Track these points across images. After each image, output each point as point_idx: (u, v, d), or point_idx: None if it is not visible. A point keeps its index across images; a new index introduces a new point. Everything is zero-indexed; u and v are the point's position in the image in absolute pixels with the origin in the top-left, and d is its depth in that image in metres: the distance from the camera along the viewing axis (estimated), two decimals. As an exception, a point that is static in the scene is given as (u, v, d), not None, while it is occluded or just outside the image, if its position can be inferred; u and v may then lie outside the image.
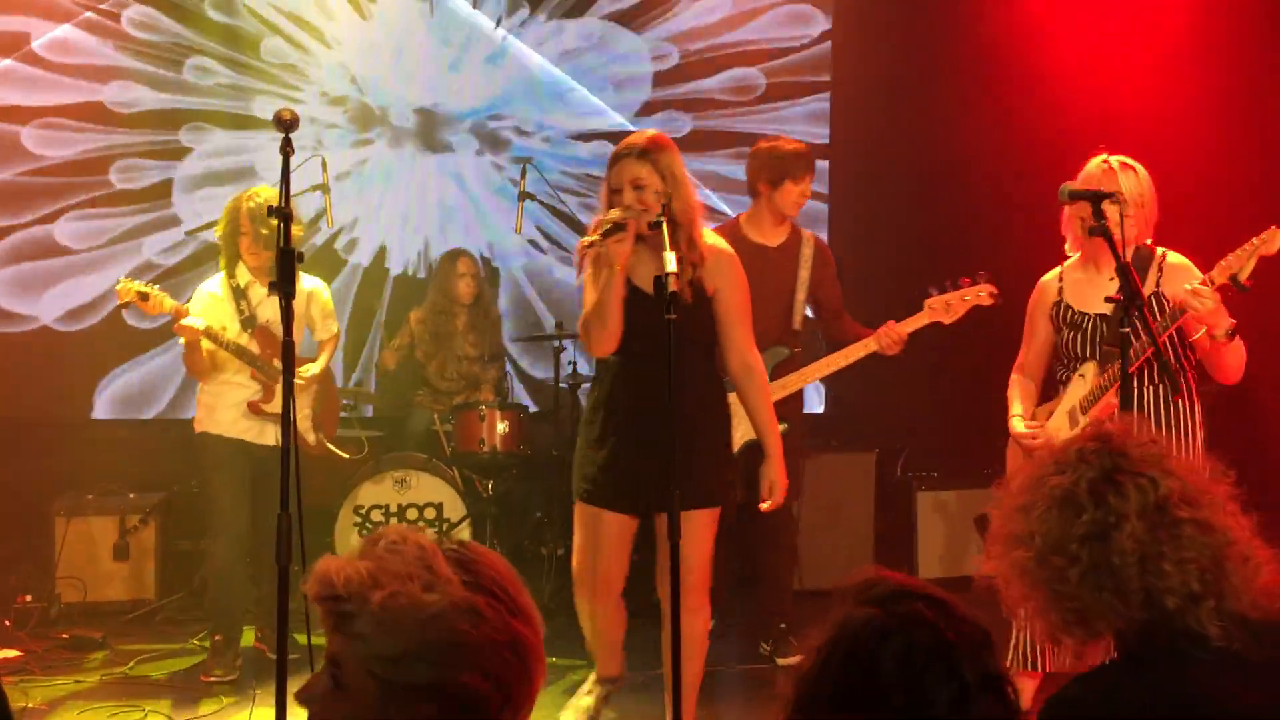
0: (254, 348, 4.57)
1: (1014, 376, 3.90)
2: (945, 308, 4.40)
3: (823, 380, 6.48)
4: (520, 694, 1.35)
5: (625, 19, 6.64)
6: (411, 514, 5.38)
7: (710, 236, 3.52)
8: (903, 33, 6.55)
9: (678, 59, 6.68)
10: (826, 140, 6.77)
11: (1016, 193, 5.77)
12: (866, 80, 6.65)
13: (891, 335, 4.44)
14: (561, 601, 5.25)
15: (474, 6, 6.52)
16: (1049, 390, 3.89)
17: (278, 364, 4.42)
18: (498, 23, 6.56)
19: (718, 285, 3.47)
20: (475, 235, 6.45)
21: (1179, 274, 3.52)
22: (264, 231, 4.39)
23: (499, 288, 6.48)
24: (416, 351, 5.84)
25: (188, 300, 4.61)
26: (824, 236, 6.69)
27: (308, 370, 4.71)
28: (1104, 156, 3.55)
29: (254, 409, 4.58)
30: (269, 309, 4.55)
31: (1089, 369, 3.68)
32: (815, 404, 6.60)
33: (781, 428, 4.62)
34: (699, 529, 3.45)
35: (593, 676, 3.76)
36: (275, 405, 4.54)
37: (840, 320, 4.77)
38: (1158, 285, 3.56)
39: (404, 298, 6.24)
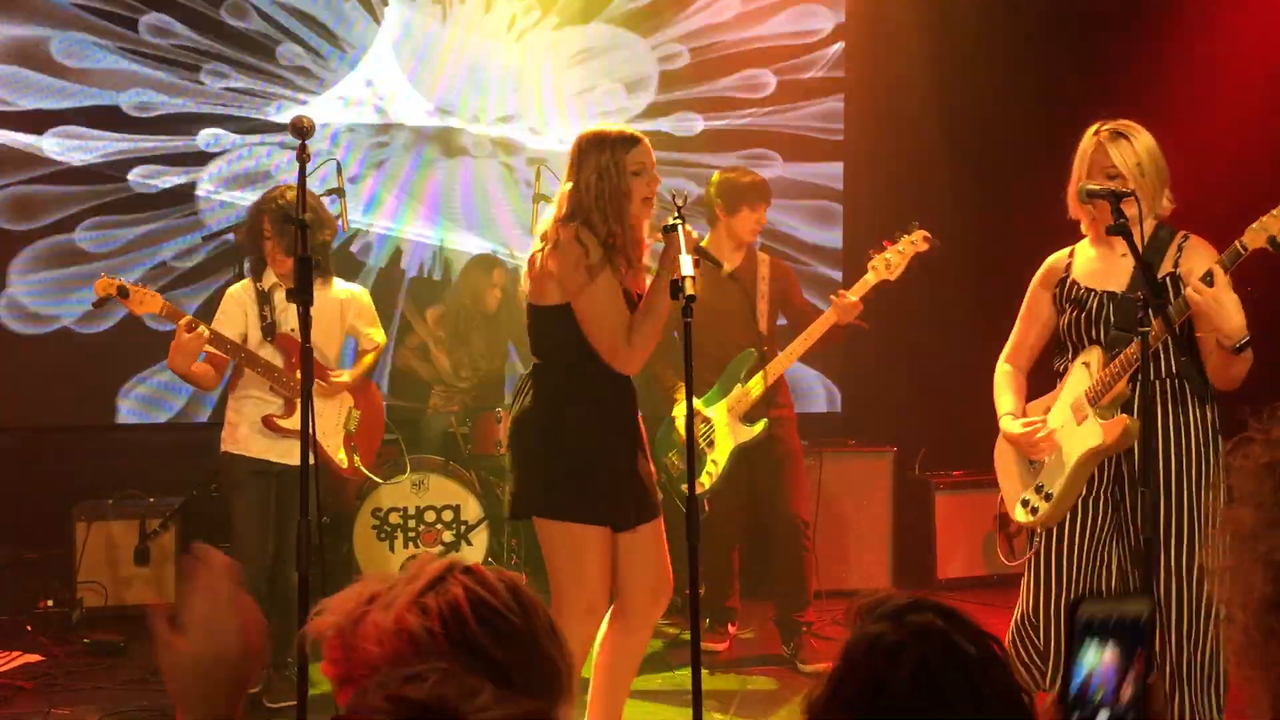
0: (275, 358, 4.32)
1: (1003, 367, 3.59)
2: (886, 265, 4.48)
3: (839, 380, 6.49)
4: None
5: (636, 20, 6.64)
6: (429, 516, 5.40)
7: None
8: (915, 28, 6.53)
9: (689, 59, 6.67)
10: (840, 138, 6.76)
11: (1034, 186, 5.74)
12: (880, 78, 6.63)
13: (843, 303, 4.52)
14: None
15: (487, 9, 6.53)
16: (1038, 385, 3.57)
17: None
18: (511, 25, 6.57)
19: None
20: (490, 237, 6.46)
21: (1200, 252, 3.26)
22: (288, 236, 4.08)
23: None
24: (434, 349, 5.84)
25: (199, 312, 4.48)
26: (838, 235, 6.71)
27: (339, 378, 4.41)
28: (1095, 127, 3.31)
29: (269, 424, 4.29)
30: (293, 316, 4.25)
31: (1094, 355, 3.35)
32: (833, 404, 6.59)
33: (760, 426, 4.69)
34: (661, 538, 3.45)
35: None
36: (294, 421, 4.19)
37: (813, 316, 4.84)
38: (1175, 266, 3.28)
39: (420, 300, 6.25)
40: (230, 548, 4.39)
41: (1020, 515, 3.46)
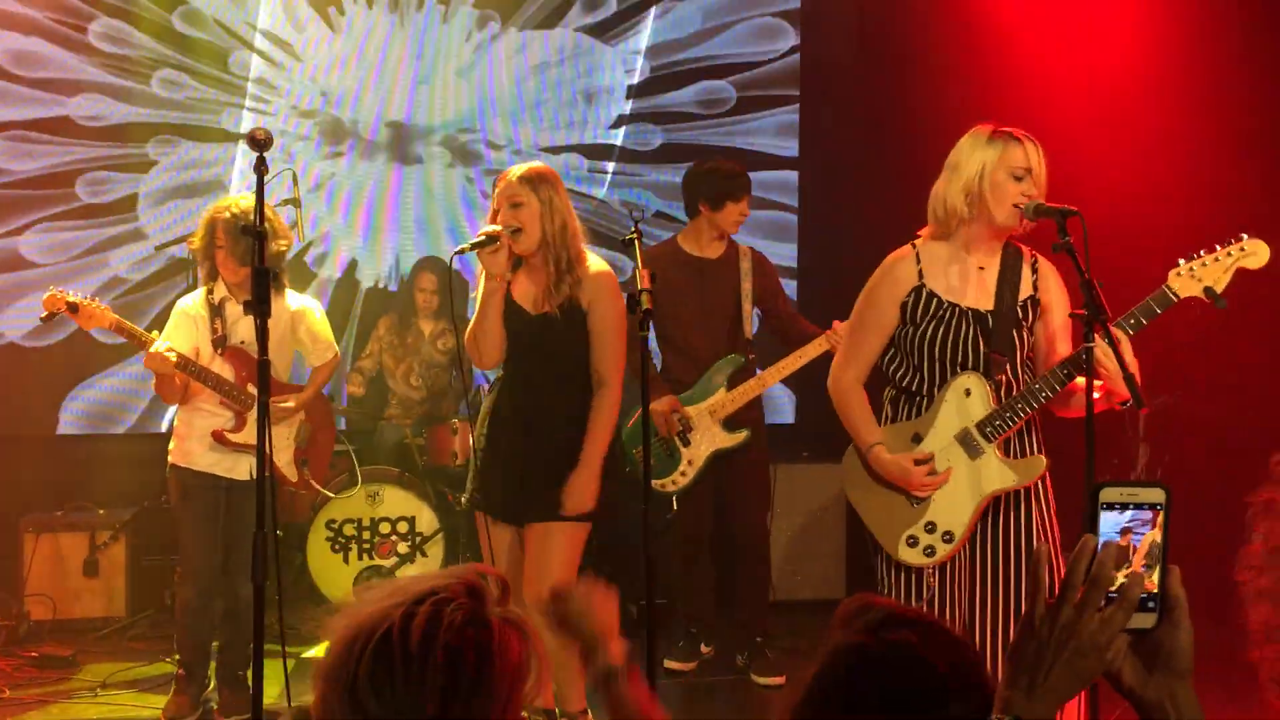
0: (225, 371, 4.28)
1: (847, 385, 3.29)
2: None
3: (793, 391, 6.54)
4: None
5: (596, 33, 6.67)
6: (384, 528, 5.38)
7: (591, 258, 3.67)
8: (871, 46, 6.62)
9: (648, 72, 6.71)
10: (795, 153, 6.82)
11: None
12: (835, 93, 6.71)
13: (841, 333, 4.55)
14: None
15: (444, 19, 6.53)
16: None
17: (252, 389, 4.20)
18: (468, 36, 6.57)
19: (591, 302, 3.61)
20: (446, 248, 6.45)
21: (1053, 280, 3.22)
22: (241, 246, 4.10)
23: (469, 297, 6.47)
24: (385, 357, 5.85)
25: (151, 325, 4.45)
26: (794, 248, 6.77)
27: (284, 403, 4.36)
28: (990, 129, 3.13)
29: (219, 438, 4.24)
30: (244, 329, 4.23)
31: (974, 382, 3.13)
32: (786, 415, 6.64)
33: (742, 435, 4.75)
34: (564, 542, 3.56)
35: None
36: (244, 435, 4.22)
37: (797, 322, 4.96)
38: (1034, 289, 3.20)
39: (375, 311, 6.23)
40: (178, 560, 4.38)
41: (909, 555, 3.16)
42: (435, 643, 1.26)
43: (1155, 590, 1.25)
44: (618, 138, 6.57)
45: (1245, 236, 3.05)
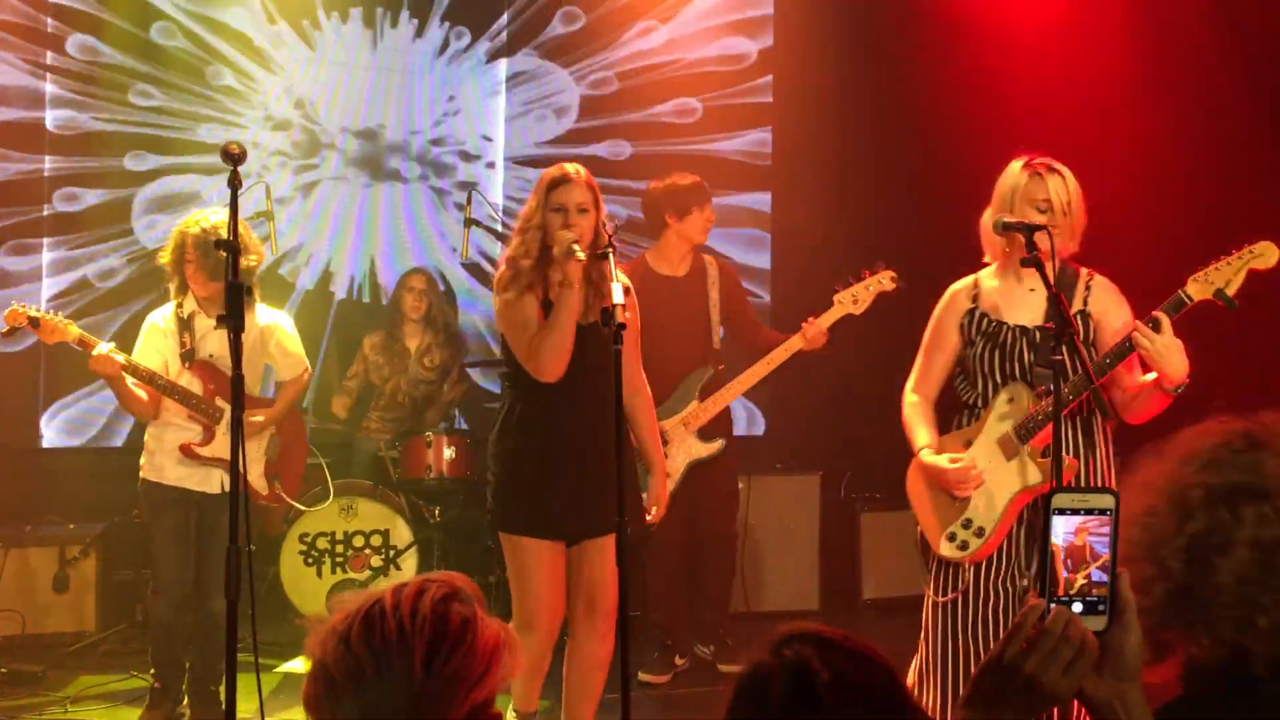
0: (194, 385, 4.27)
1: (912, 399, 3.54)
2: (853, 300, 4.67)
3: (765, 404, 6.57)
4: None
5: (568, 46, 6.70)
6: (358, 541, 5.36)
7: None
8: (841, 58, 6.67)
9: (619, 86, 6.75)
10: (768, 164, 6.87)
11: (961, 214, 5.88)
12: (806, 106, 6.75)
13: (812, 331, 4.69)
14: (509, 627, 5.26)
15: (418, 34, 6.55)
16: (943, 415, 3.56)
17: (220, 402, 4.25)
18: (442, 50, 6.59)
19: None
20: (421, 261, 6.45)
21: (1106, 293, 3.37)
22: (211, 260, 4.12)
23: (457, 307, 6.46)
24: (373, 376, 5.83)
25: (111, 337, 4.43)
26: (766, 260, 6.82)
27: (254, 418, 4.30)
28: (1024, 160, 3.34)
29: (187, 452, 4.23)
30: (213, 343, 4.27)
31: (1019, 391, 3.34)
32: (757, 427, 6.67)
33: (717, 444, 4.82)
34: (614, 553, 3.47)
35: (512, 714, 3.72)
36: (213, 449, 4.23)
37: (759, 331, 5.09)
38: (1085, 304, 3.36)
39: (349, 322, 6.23)
40: (150, 575, 4.36)
41: (947, 550, 3.37)
42: (423, 605, 1.38)
43: (1106, 594, 1.29)
44: (590, 150, 6.60)
45: (1268, 242, 3.14)
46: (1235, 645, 1.35)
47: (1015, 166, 3.35)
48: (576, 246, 3.37)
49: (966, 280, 3.52)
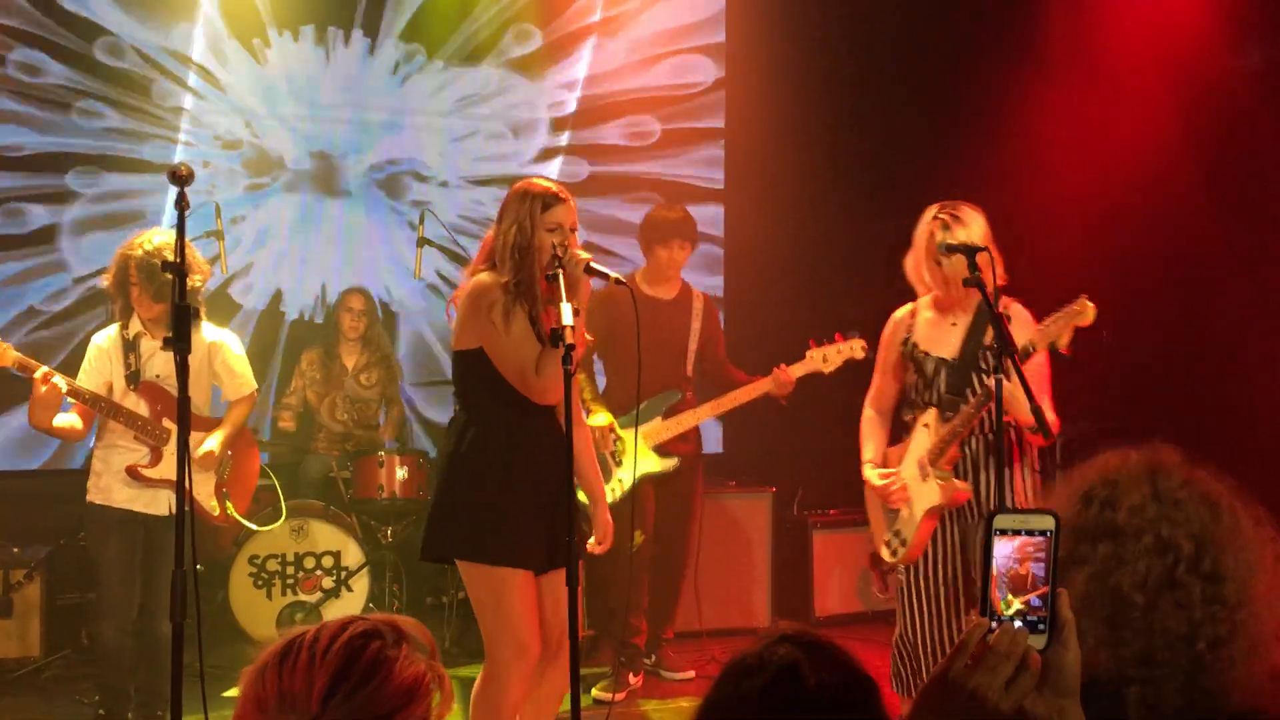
0: (139, 406, 4.25)
1: (867, 412, 3.95)
2: (823, 359, 4.84)
3: (720, 421, 6.60)
4: None
5: (523, 66, 6.72)
6: (309, 563, 5.32)
7: None
8: (793, 80, 6.74)
9: (575, 106, 6.77)
10: (721, 185, 6.92)
11: (908, 236, 5.96)
12: (759, 126, 6.82)
13: (784, 378, 4.88)
14: (464, 648, 5.24)
15: (371, 52, 6.54)
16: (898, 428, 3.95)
17: (168, 423, 4.22)
18: (395, 69, 6.58)
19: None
20: (373, 280, 6.43)
21: (1021, 326, 3.57)
22: (155, 283, 4.10)
23: (396, 330, 6.48)
24: (309, 393, 5.84)
25: (69, 357, 4.41)
26: (719, 279, 6.86)
27: (201, 447, 4.29)
28: (934, 210, 3.65)
29: (133, 474, 4.20)
30: (159, 364, 4.24)
31: (931, 417, 3.72)
32: (713, 444, 6.70)
33: (672, 462, 4.91)
34: (564, 582, 3.41)
35: None
36: (160, 471, 4.20)
37: (726, 368, 5.27)
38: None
39: (300, 342, 6.19)
40: (95, 598, 4.30)
41: (885, 553, 3.86)
42: (338, 640, 1.38)
43: (1045, 614, 1.31)
44: (545, 170, 6.61)
45: (1084, 298, 3.36)
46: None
47: (928, 215, 3.68)
48: (596, 265, 3.33)
49: (906, 309, 3.87)
